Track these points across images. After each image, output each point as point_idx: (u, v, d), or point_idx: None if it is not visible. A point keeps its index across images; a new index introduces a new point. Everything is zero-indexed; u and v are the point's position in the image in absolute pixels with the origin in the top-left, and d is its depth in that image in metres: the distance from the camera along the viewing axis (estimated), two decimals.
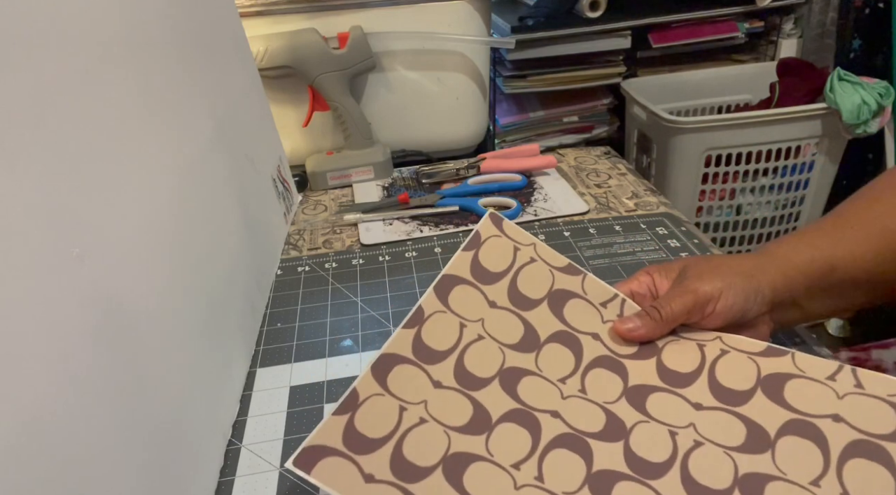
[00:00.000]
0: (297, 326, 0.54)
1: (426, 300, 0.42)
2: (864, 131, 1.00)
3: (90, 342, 0.29)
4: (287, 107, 0.80)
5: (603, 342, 0.42)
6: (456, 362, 0.40)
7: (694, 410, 0.37)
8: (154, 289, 0.36)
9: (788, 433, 0.35)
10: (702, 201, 1.09)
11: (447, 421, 0.37)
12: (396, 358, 0.39)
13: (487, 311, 0.43)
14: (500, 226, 0.46)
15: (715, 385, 0.38)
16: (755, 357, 0.39)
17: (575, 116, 1.19)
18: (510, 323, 0.42)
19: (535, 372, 0.40)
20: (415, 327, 0.41)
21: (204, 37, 0.52)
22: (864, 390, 0.35)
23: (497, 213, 0.47)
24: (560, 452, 0.36)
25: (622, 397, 0.38)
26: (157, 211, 0.38)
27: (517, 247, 0.46)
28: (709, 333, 0.41)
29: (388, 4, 0.76)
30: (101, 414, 0.28)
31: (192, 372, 0.39)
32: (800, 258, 0.41)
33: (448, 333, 0.41)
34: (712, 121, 1.01)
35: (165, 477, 0.33)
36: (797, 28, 1.23)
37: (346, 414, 0.36)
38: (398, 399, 0.37)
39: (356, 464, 0.34)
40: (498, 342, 0.41)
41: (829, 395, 0.36)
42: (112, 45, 0.36)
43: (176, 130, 0.43)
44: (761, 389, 0.37)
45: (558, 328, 0.42)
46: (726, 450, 0.35)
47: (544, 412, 0.38)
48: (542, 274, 0.45)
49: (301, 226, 0.71)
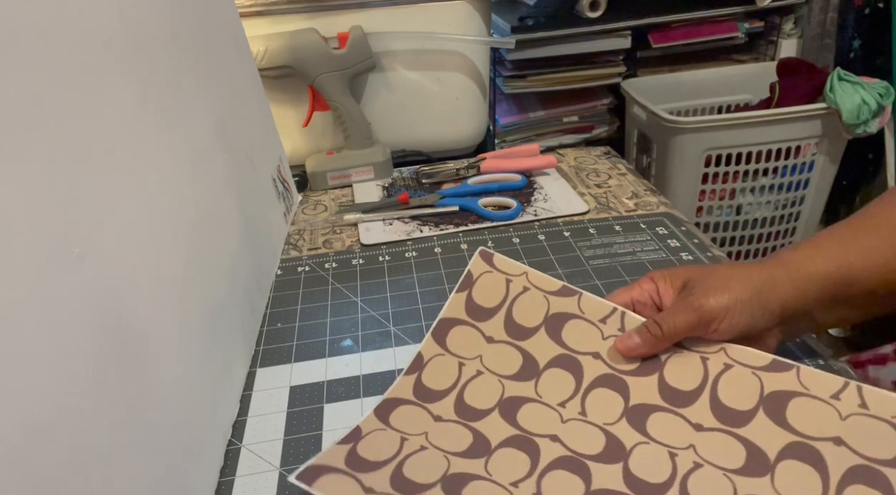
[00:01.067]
0: (297, 326, 0.54)
1: (425, 346, 0.44)
2: (864, 131, 1.00)
3: (90, 342, 0.29)
4: (287, 107, 0.80)
5: (604, 360, 0.42)
6: (456, 398, 0.41)
7: (694, 431, 0.37)
8: (154, 289, 0.36)
9: (788, 457, 0.35)
10: (702, 201, 1.09)
11: (447, 448, 0.38)
12: (398, 401, 0.41)
13: (485, 347, 0.44)
14: (490, 262, 0.47)
15: (717, 404, 0.38)
16: (759, 372, 0.38)
17: (575, 116, 1.20)
18: (508, 355, 0.43)
19: (534, 398, 0.41)
20: (415, 373, 0.43)
21: (204, 37, 0.52)
22: (869, 410, 0.35)
23: (487, 250, 0.48)
24: (559, 473, 0.36)
25: (622, 418, 0.39)
26: (156, 211, 0.38)
27: (509, 279, 0.46)
28: (713, 344, 0.40)
29: (388, 4, 0.76)
30: (101, 414, 0.28)
31: (192, 372, 0.39)
32: (815, 269, 0.39)
33: (447, 374, 0.42)
34: (712, 121, 1.01)
35: (165, 477, 0.33)
36: (797, 28, 1.23)
37: (349, 444, 0.38)
38: (399, 432, 0.39)
39: (356, 480, 0.36)
40: (497, 375, 0.42)
41: (832, 416, 0.35)
42: (112, 45, 0.36)
43: (176, 130, 0.43)
44: (763, 409, 0.37)
45: (557, 353, 0.43)
46: (725, 473, 0.35)
47: (543, 436, 0.38)
48: (536, 301, 0.45)
49: (301, 226, 0.71)
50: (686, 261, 0.58)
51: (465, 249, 0.63)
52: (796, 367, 0.38)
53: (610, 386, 0.40)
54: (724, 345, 0.40)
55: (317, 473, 0.35)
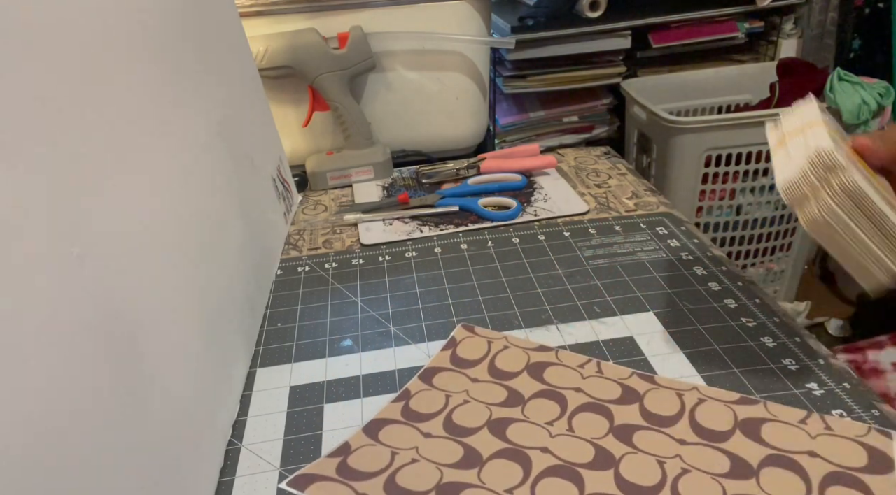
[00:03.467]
0: (297, 326, 0.54)
1: (412, 383, 0.46)
2: (864, 131, 1.00)
3: (90, 342, 0.29)
4: (287, 107, 0.80)
5: (586, 392, 0.44)
6: (445, 419, 0.42)
7: (679, 445, 0.39)
8: (154, 289, 0.36)
9: (770, 465, 0.37)
10: (702, 201, 1.09)
11: (439, 460, 0.39)
12: (386, 421, 0.42)
13: (471, 385, 0.45)
14: (472, 331, 0.51)
15: (696, 426, 0.40)
16: (731, 405, 0.41)
17: (575, 116, 1.20)
18: (494, 390, 0.45)
19: (522, 419, 0.42)
20: (403, 401, 0.44)
21: (204, 37, 0.52)
22: (834, 432, 0.38)
23: (468, 324, 0.51)
24: (552, 480, 0.37)
25: (609, 433, 0.40)
26: (157, 210, 0.38)
27: (490, 341, 0.49)
28: (685, 384, 0.43)
29: (388, 4, 0.76)
30: (101, 414, 0.28)
31: (191, 372, 0.39)
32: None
33: (435, 401, 0.44)
34: (712, 121, 1.01)
35: (165, 477, 0.33)
36: (797, 28, 1.23)
37: (339, 457, 0.39)
38: (389, 447, 0.40)
39: (350, 487, 0.37)
40: (484, 402, 0.44)
41: (803, 436, 0.38)
42: (113, 45, 0.36)
43: (176, 130, 0.43)
44: (740, 430, 0.39)
45: (541, 388, 0.44)
46: (713, 476, 0.36)
47: (534, 449, 0.39)
48: (517, 354, 0.48)
49: (301, 226, 0.71)
50: (686, 260, 0.58)
51: (465, 249, 0.63)
52: (763, 402, 0.41)
53: (594, 411, 0.42)
54: (696, 385, 0.43)
55: (309, 480, 0.36)
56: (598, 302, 0.53)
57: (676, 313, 0.51)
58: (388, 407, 0.44)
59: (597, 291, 0.55)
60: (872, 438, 0.37)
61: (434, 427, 0.42)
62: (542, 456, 0.39)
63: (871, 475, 0.35)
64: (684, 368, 0.45)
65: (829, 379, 0.43)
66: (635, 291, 0.54)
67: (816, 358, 0.45)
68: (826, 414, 0.40)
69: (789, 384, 0.43)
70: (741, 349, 0.47)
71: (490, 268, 0.60)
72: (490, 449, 0.39)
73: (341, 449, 0.40)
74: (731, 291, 0.53)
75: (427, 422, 0.42)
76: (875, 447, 0.37)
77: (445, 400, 0.44)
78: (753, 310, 0.51)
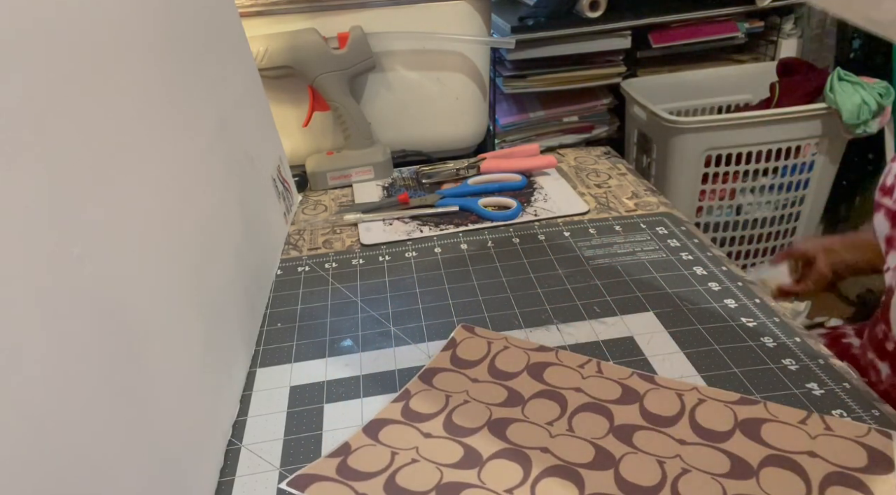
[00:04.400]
0: (297, 326, 0.54)
1: (412, 384, 0.46)
2: (864, 131, 1.00)
3: (90, 342, 0.29)
4: (287, 107, 0.80)
5: (586, 393, 0.44)
6: (445, 419, 0.42)
7: (679, 445, 0.39)
8: (154, 289, 0.36)
9: (770, 465, 0.37)
10: (702, 201, 1.09)
11: (439, 460, 0.39)
12: (386, 421, 0.42)
13: (471, 385, 0.45)
14: (472, 331, 0.51)
15: (696, 426, 0.40)
16: (731, 405, 0.41)
17: (575, 116, 1.20)
18: (494, 390, 0.45)
19: (522, 419, 0.42)
20: (403, 401, 0.44)
21: (204, 37, 0.52)
22: (834, 432, 0.38)
23: (468, 325, 0.51)
24: (552, 480, 0.37)
25: (609, 433, 0.40)
26: (157, 211, 0.38)
27: (490, 342, 0.49)
28: (685, 384, 0.43)
29: (388, 4, 0.76)
30: (101, 414, 0.28)
31: (191, 372, 0.39)
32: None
33: (436, 401, 0.44)
34: (712, 121, 1.01)
35: (165, 477, 0.33)
36: (797, 28, 1.23)
37: (339, 457, 0.39)
38: (389, 447, 0.40)
39: (350, 487, 0.37)
40: (484, 403, 0.44)
41: (803, 436, 0.38)
42: (112, 45, 0.36)
43: (176, 130, 0.43)
44: (740, 430, 0.39)
45: (541, 388, 0.45)
46: (713, 476, 0.37)
47: (534, 449, 0.39)
48: (517, 355, 0.48)
49: (301, 226, 0.71)
50: (686, 260, 0.58)
51: (465, 249, 0.63)
52: (763, 402, 0.41)
53: (594, 411, 0.42)
54: (696, 385, 0.43)
55: (309, 480, 0.36)
56: (598, 302, 0.53)
57: (676, 313, 0.51)
58: (388, 407, 0.44)
59: (597, 291, 0.55)
60: (872, 438, 0.37)
61: (434, 427, 0.42)
62: (542, 456, 0.39)
63: (871, 475, 0.35)
64: (684, 368, 0.45)
65: (829, 380, 0.43)
66: (635, 291, 0.54)
67: (816, 358, 0.45)
68: (826, 415, 0.40)
69: (789, 384, 0.43)
70: (741, 349, 0.47)
71: (490, 268, 0.60)
72: (490, 449, 0.40)
73: (341, 449, 0.40)
74: (731, 291, 0.53)
75: (427, 422, 0.42)
76: (875, 447, 0.37)
77: (445, 400, 0.44)
78: (753, 310, 0.51)
